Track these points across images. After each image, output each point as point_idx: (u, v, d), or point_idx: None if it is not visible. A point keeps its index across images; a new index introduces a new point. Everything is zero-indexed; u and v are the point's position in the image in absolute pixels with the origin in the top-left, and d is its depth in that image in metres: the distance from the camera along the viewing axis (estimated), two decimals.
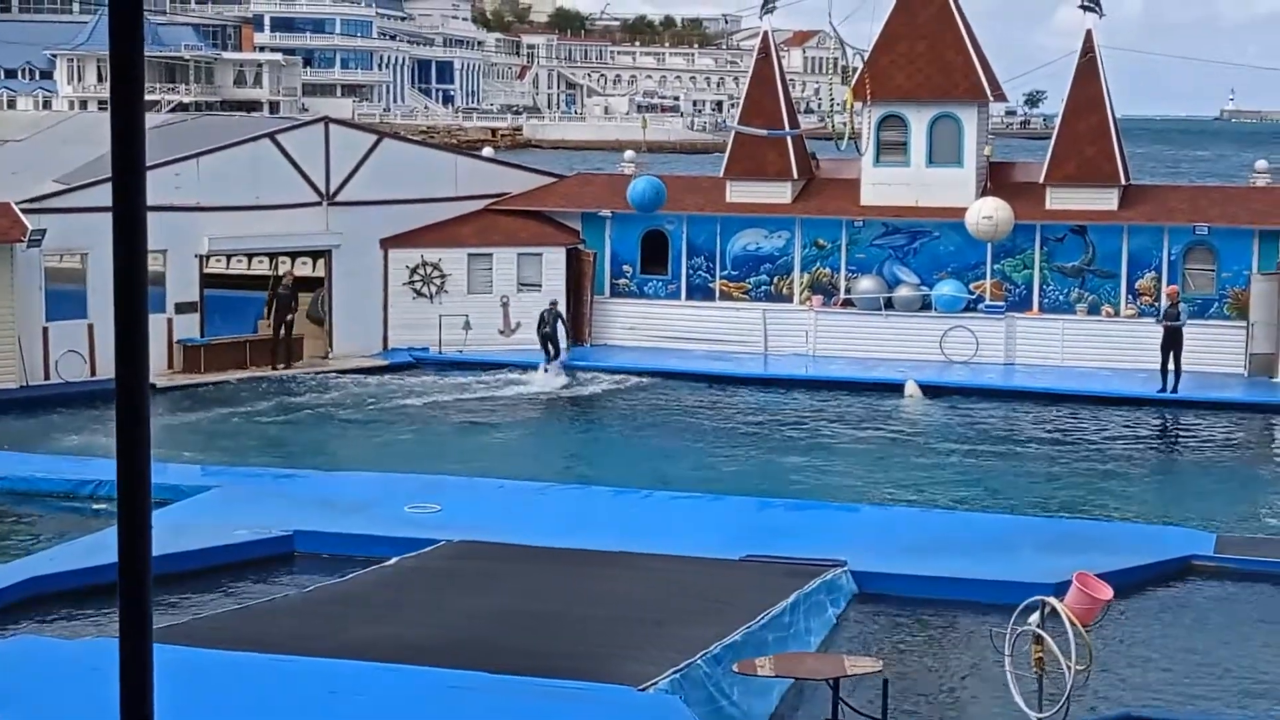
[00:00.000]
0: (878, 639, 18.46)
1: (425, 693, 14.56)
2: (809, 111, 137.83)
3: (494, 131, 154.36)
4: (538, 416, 33.02)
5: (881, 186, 37.89)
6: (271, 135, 37.29)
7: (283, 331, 35.74)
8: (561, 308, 36.94)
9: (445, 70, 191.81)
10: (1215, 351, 35.29)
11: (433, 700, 14.42)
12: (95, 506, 23.77)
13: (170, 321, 34.65)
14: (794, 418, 32.67)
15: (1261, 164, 40.25)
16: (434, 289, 37.96)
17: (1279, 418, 32.68)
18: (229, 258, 39.10)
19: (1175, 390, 33.58)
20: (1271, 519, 24.80)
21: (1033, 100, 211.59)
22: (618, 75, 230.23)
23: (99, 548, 19.65)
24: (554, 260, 38.46)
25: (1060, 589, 16.04)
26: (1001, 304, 37.10)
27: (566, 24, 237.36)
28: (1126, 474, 28.04)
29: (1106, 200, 36.89)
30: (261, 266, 40.05)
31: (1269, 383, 34.57)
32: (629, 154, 42.45)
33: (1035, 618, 15.09)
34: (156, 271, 33.83)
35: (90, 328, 33.21)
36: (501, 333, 38.12)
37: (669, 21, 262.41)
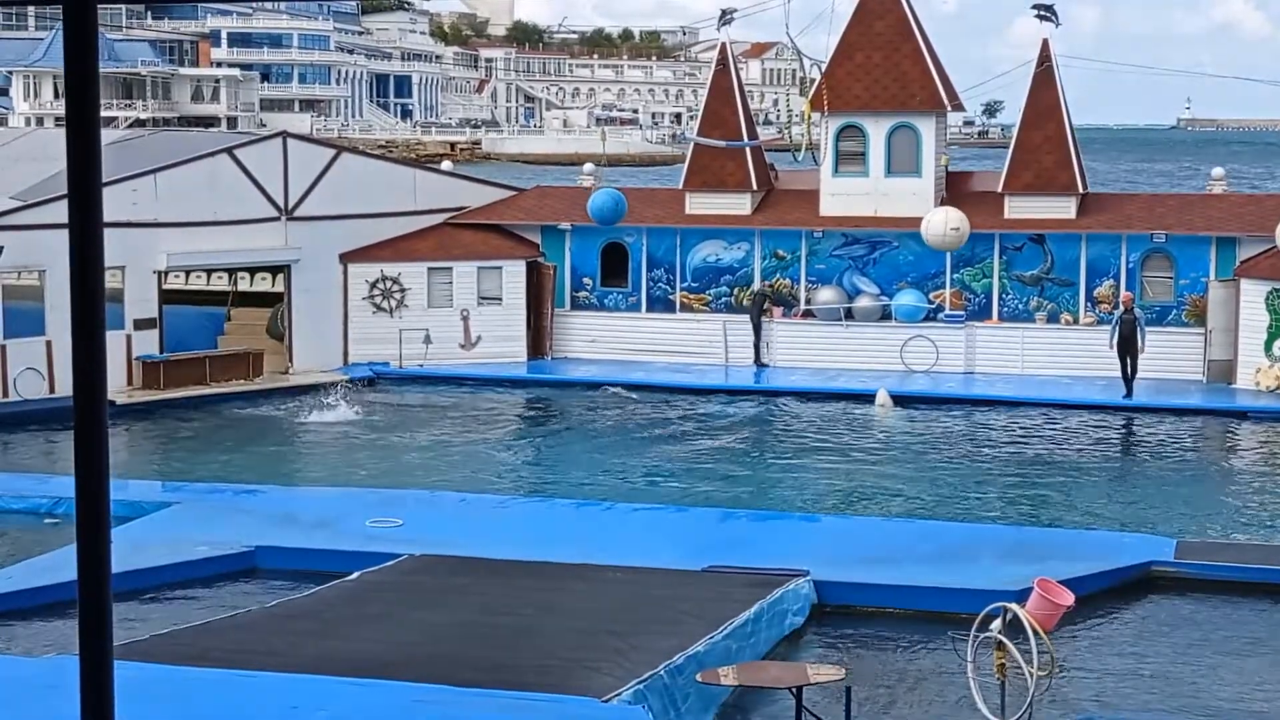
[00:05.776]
0: (840, 648, 18.48)
1: (388, 707, 14.53)
2: (767, 123, 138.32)
3: (453, 145, 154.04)
4: (498, 429, 32.96)
5: (840, 197, 37.98)
6: (229, 150, 37.17)
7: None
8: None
9: (403, 84, 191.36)
10: (1174, 358, 35.49)
11: (396, 714, 14.39)
12: (49, 522, 23.63)
13: (129, 338, 34.48)
14: (755, 429, 32.69)
15: (1218, 171, 40.49)
16: (394, 303, 37.88)
17: (1237, 423, 32.87)
18: (188, 273, 39.01)
19: (1129, 395, 33.79)
20: (1231, 525, 24.91)
21: (990, 110, 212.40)
22: (576, 88, 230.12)
23: (58, 565, 19.57)
24: (514, 273, 38.42)
25: (1022, 596, 16.11)
26: (961, 313, 37.21)
27: (524, 38, 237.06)
28: (1087, 481, 28.12)
29: (1064, 209, 37.07)
30: (221, 282, 39.90)
31: (1227, 388, 34.75)
32: (588, 167, 42.46)
33: (997, 624, 15.14)
34: (115, 288, 33.66)
35: (49, 345, 33.06)
36: (462, 346, 38.09)
37: (627, 34, 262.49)
